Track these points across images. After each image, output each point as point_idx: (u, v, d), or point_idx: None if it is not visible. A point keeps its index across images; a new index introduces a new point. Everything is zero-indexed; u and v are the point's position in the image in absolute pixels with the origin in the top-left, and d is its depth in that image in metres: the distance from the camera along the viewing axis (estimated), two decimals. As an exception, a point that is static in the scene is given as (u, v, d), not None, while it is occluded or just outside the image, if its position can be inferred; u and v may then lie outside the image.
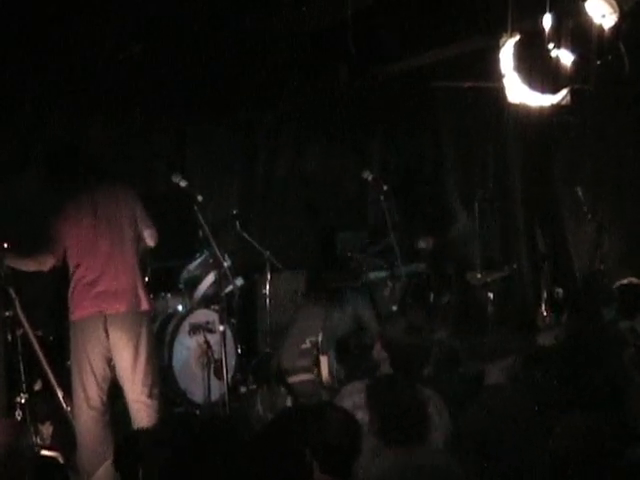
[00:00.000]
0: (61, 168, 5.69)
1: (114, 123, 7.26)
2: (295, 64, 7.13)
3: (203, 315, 7.05)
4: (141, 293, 5.64)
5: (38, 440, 5.69)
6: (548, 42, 5.34)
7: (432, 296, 8.26)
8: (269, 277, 7.82)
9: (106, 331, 5.54)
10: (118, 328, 5.54)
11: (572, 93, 5.72)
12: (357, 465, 3.59)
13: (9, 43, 5.69)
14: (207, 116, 7.94)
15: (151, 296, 5.90)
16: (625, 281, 6.70)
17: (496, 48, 5.71)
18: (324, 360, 7.03)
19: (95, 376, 5.57)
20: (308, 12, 6.06)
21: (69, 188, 5.67)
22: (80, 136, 7.11)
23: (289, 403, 6.73)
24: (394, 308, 7.76)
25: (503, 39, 5.66)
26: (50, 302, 6.77)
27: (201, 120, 8.02)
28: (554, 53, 5.37)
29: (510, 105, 5.76)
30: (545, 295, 7.81)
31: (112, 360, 5.62)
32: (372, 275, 8.15)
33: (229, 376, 6.33)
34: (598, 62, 5.42)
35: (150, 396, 5.60)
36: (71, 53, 6.02)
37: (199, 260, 7.20)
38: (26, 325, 5.61)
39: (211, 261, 6.86)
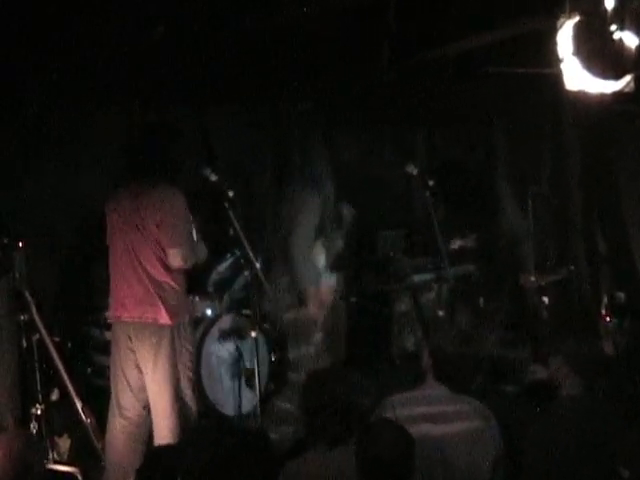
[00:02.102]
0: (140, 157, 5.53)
1: (133, 114, 7.06)
2: (330, 48, 6.78)
3: (233, 320, 6.81)
4: (162, 306, 5.38)
5: (55, 454, 5.58)
6: (610, 23, 5.00)
7: (482, 300, 7.92)
8: (305, 279, 7.53)
9: (130, 338, 5.45)
10: (138, 338, 5.43)
11: (636, 79, 5.32)
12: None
13: (12, 38, 5.50)
14: (233, 107, 7.69)
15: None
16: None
17: (553, 30, 5.31)
18: None
19: (129, 384, 5.49)
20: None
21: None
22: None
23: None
24: (440, 313, 7.51)
25: (561, 20, 5.26)
26: (69, 306, 6.69)
27: (227, 111, 7.74)
28: (617, 35, 5.01)
29: (568, 93, 5.41)
30: (605, 300, 7.49)
31: None
32: (416, 277, 7.98)
33: (261, 386, 6.15)
34: (666, 46, 5.16)
35: (169, 413, 5.41)
36: (85, 43, 5.80)
37: (229, 261, 7.03)
38: (43, 330, 5.48)
39: (242, 262, 6.57)
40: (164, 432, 5.35)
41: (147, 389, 5.46)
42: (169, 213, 5.31)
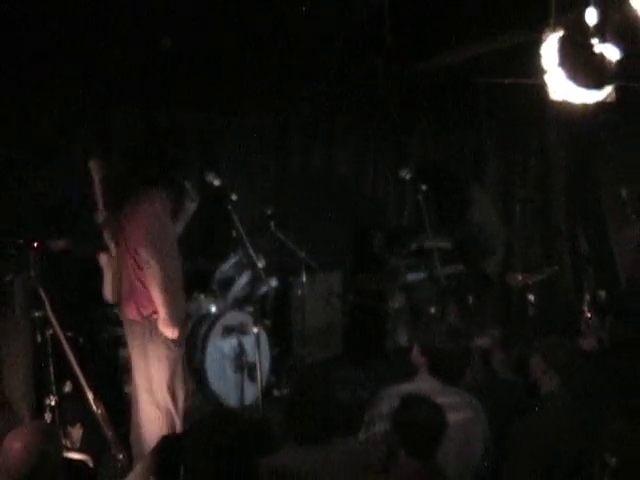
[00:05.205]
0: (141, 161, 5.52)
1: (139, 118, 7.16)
2: (330, 56, 6.93)
3: (237, 317, 6.90)
4: (133, 303, 5.39)
5: (67, 443, 5.65)
6: (592, 37, 5.13)
7: (471, 298, 8.01)
8: (304, 278, 7.65)
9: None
10: (128, 334, 5.53)
11: (617, 90, 5.47)
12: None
13: (12, 40, 5.66)
14: (237, 111, 7.71)
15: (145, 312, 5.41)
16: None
17: (538, 43, 5.44)
18: None
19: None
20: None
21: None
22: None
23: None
24: (432, 310, 7.65)
25: (545, 33, 5.39)
26: (82, 303, 6.69)
27: (230, 116, 7.78)
28: (598, 48, 5.15)
29: (552, 102, 5.57)
30: (587, 298, 7.54)
31: None
32: (410, 276, 8.10)
33: (263, 379, 6.33)
34: (645, 57, 5.24)
35: (153, 408, 5.46)
36: (86, 47, 5.96)
37: (233, 260, 7.08)
38: (56, 326, 5.52)
39: (245, 262, 6.80)
40: (151, 426, 5.41)
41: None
42: (140, 214, 5.26)
